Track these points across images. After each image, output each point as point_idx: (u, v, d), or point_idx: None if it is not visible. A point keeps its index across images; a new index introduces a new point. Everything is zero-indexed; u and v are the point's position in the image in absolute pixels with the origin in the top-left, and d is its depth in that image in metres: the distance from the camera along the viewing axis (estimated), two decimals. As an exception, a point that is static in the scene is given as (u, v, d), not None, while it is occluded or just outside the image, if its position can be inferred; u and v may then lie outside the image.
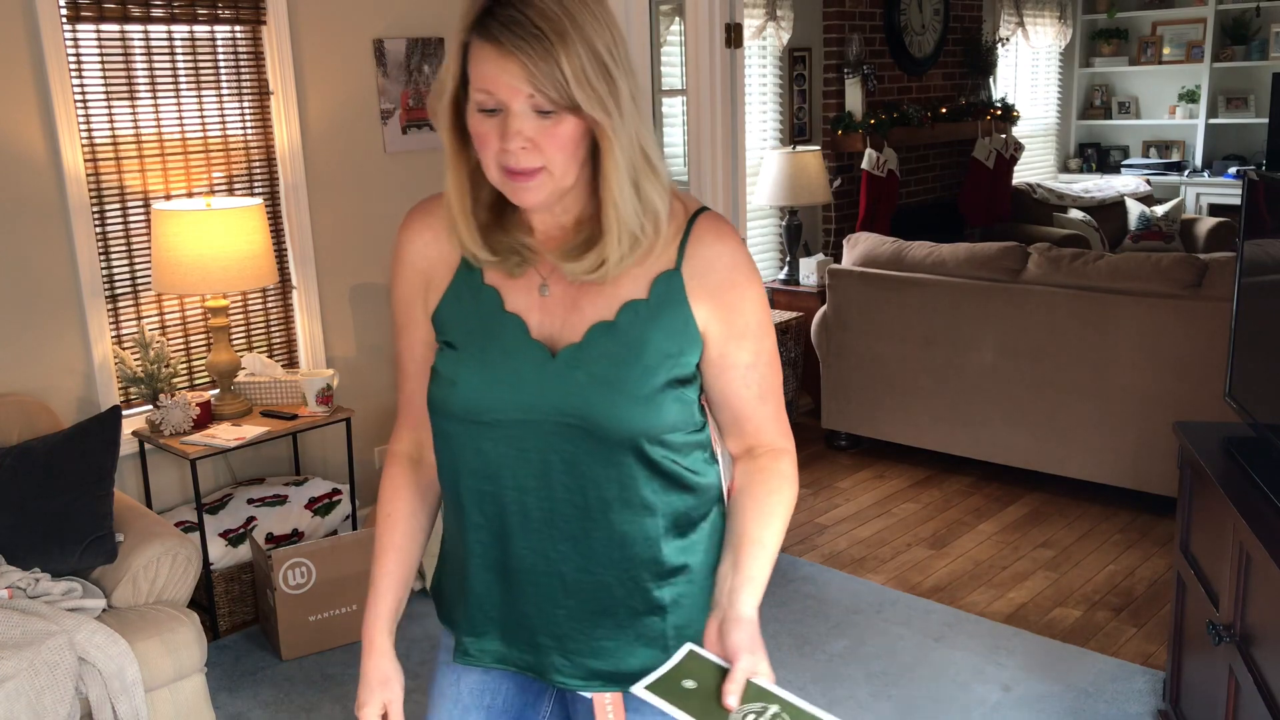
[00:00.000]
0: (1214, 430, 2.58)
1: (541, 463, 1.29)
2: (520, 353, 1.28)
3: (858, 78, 6.01)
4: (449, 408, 1.31)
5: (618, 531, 1.31)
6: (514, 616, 1.38)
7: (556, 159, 1.19)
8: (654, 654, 1.35)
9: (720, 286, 1.29)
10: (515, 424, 1.28)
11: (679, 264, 1.29)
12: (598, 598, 1.34)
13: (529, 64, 1.14)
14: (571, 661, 1.37)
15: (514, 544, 1.33)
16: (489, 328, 1.30)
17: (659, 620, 1.36)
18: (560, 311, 1.29)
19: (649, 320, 1.28)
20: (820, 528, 4.21)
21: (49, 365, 3.36)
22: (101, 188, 3.43)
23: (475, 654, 1.43)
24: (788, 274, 5.76)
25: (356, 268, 4.04)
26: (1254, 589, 2.13)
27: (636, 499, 1.30)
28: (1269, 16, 7.67)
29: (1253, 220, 2.43)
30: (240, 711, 3.06)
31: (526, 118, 1.17)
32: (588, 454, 1.28)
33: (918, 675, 3.16)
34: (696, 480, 1.36)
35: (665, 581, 1.35)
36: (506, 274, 1.30)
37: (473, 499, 1.34)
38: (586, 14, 1.16)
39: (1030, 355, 4.36)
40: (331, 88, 3.89)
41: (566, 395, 1.26)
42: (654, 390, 1.27)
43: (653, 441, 1.29)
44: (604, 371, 1.26)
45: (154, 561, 2.78)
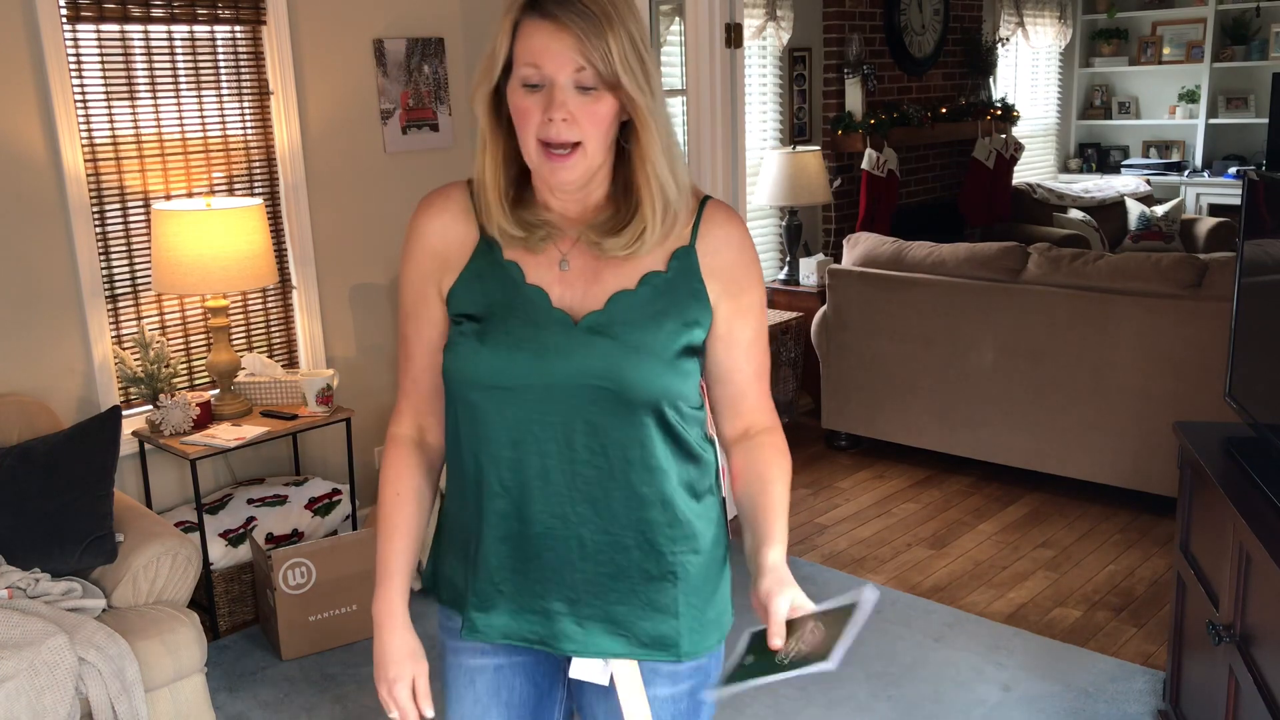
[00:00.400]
0: (1214, 430, 2.58)
1: (565, 426, 1.34)
2: (544, 322, 1.35)
3: (858, 78, 6.01)
4: (475, 377, 1.35)
5: (636, 492, 1.37)
6: (526, 586, 1.41)
7: (592, 135, 1.28)
8: (664, 621, 1.40)
9: (730, 266, 1.40)
10: (540, 390, 1.34)
11: (693, 242, 1.39)
12: (614, 560, 1.38)
13: (583, 37, 1.24)
14: (583, 628, 1.40)
15: (533, 509, 1.38)
16: (512, 300, 1.36)
17: (670, 587, 1.40)
18: (581, 284, 1.37)
19: (668, 290, 1.37)
20: (820, 528, 4.21)
21: (49, 365, 3.36)
22: (101, 188, 3.43)
23: (483, 629, 1.44)
24: (788, 274, 5.76)
25: (356, 268, 4.04)
26: (1254, 589, 2.13)
27: (653, 460, 1.37)
28: (1269, 16, 7.67)
29: (1253, 220, 2.43)
30: (240, 711, 3.06)
31: (570, 92, 1.26)
32: (611, 416, 1.34)
33: (918, 675, 3.16)
34: (701, 453, 1.44)
35: (677, 546, 1.40)
36: (528, 249, 1.37)
37: (493, 467, 1.38)
38: (624, 4, 1.27)
39: (1030, 355, 4.36)
40: (331, 88, 3.89)
41: (593, 359, 1.33)
42: (674, 355, 1.36)
43: (670, 406, 1.36)
44: (629, 335, 1.34)
45: (154, 561, 2.78)
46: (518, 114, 1.29)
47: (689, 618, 1.41)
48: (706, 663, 1.47)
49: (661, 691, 1.45)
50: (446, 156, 4.24)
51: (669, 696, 1.45)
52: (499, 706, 1.49)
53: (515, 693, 1.50)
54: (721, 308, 1.40)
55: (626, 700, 1.42)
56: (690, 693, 1.46)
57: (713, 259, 1.39)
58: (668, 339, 1.35)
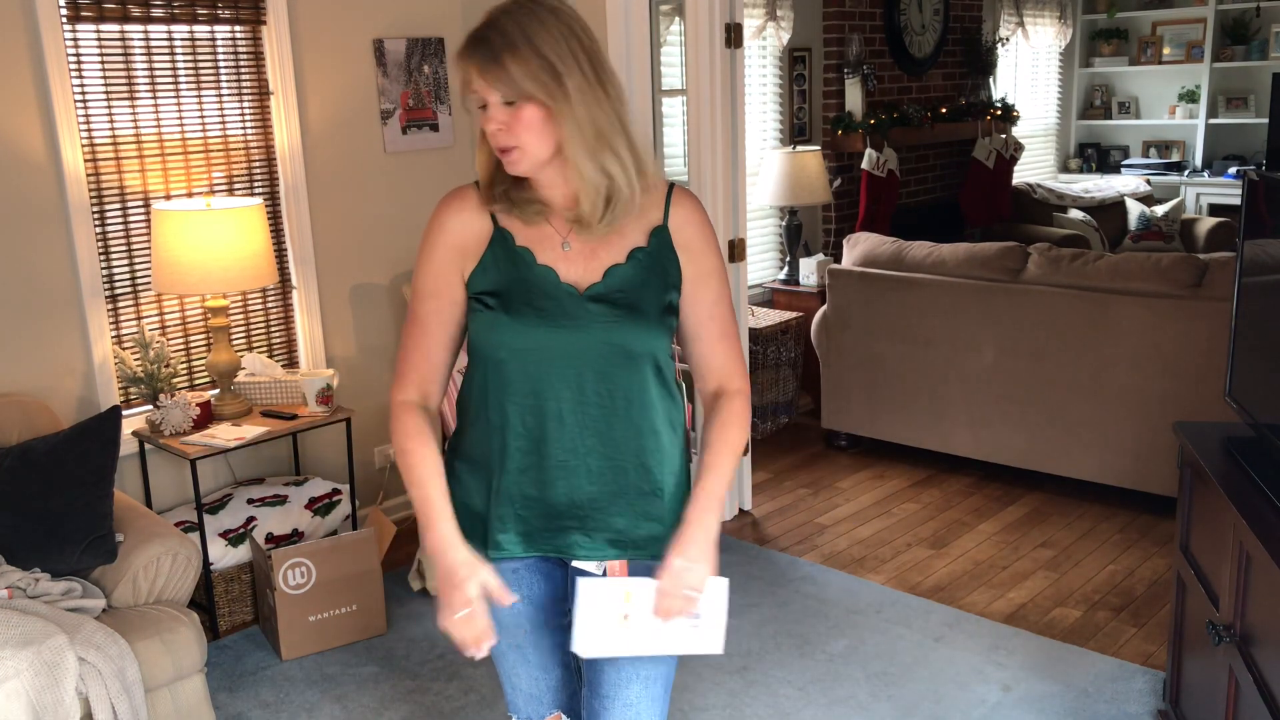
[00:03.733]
0: (1214, 430, 2.58)
1: (578, 377, 1.65)
2: (555, 295, 1.65)
3: (858, 78, 6.01)
4: (502, 341, 1.65)
5: (634, 424, 1.69)
6: (542, 508, 1.70)
7: (525, 138, 1.59)
8: (653, 527, 1.73)
9: (692, 238, 1.72)
10: (557, 349, 1.64)
11: (665, 221, 1.71)
12: (616, 480, 1.70)
13: (482, 70, 1.56)
14: (591, 537, 1.72)
15: (549, 445, 1.68)
16: (526, 279, 1.66)
17: (658, 500, 1.73)
18: (581, 261, 1.67)
19: (651, 261, 1.69)
20: (820, 528, 4.21)
21: (49, 365, 3.36)
22: (101, 188, 3.43)
23: (507, 546, 1.73)
24: (788, 274, 5.76)
25: (356, 268, 4.04)
26: (1254, 589, 2.13)
27: (647, 398, 1.69)
28: (1269, 16, 7.67)
29: (1253, 220, 2.43)
30: (240, 711, 3.06)
31: (499, 108, 1.58)
32: (617, 366, 1.66)
33: (918, 675, 3.16)
34: (677, 395, 1.77)
35: (663, 468, 1.73)
36: (526, 223, 1.67)
37: (518, 413, 1.67)
38: (536, 26, 1.56)
39: (1030, 355, 4.36)
40: (331, 88, 3.89)
41: (598, 322, 1.64)
42: (660, 313, 1.68)
43: (661, 354, 1.70)
44: (625, 300, 1.66)
45: (154, 561, 2.78)
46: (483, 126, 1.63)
47: (670, 525, 1.72)
48: None
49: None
50: (446, 156, 4.24)
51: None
52: (525, 600, 1.78)
53: (533, 586, 1.79)
54: (687, 272, 1.71)
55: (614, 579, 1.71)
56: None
57: (679, 233, 1.71)
58: (655, 300, 1.67)
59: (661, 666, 1.79)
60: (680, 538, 1.66)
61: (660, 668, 1.79)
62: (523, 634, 1.81)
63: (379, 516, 3.78)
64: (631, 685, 1.77)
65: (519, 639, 1.82)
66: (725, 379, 1.77)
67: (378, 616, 3.43)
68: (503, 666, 1.86)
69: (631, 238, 1.68)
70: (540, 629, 1.82)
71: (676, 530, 1.68)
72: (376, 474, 4.15)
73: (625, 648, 1.68)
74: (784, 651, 3.29)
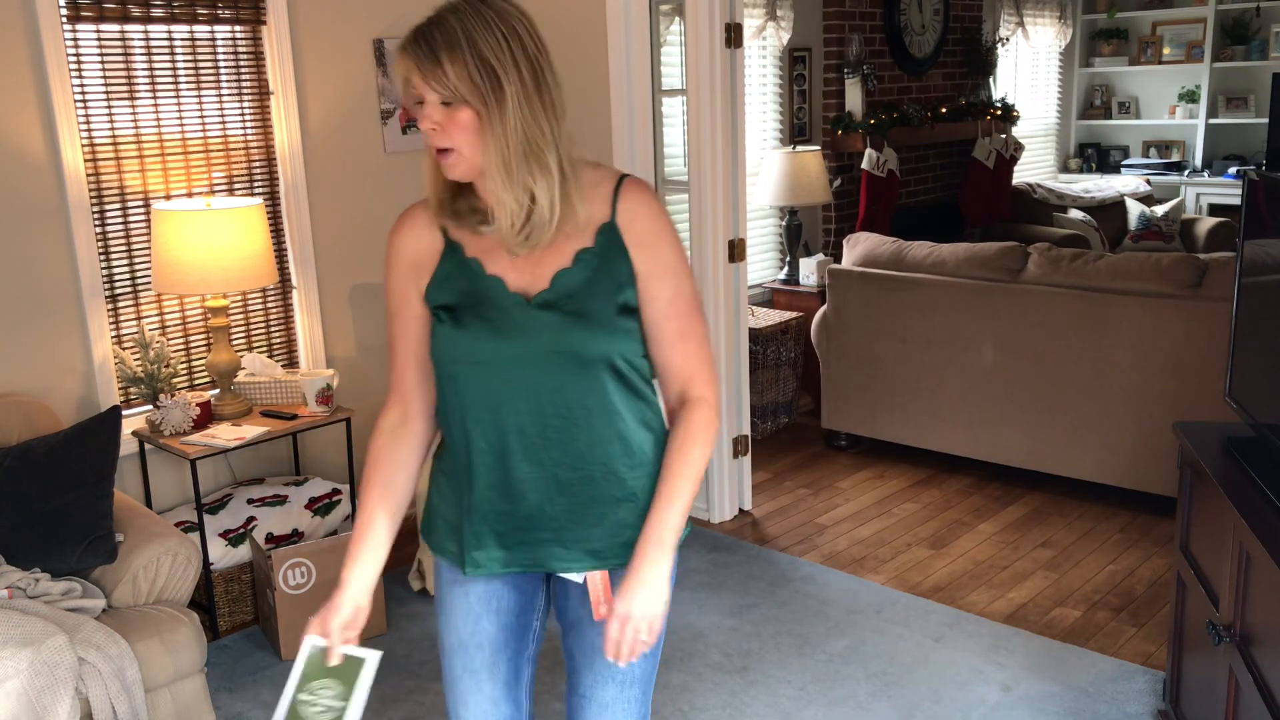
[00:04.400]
0: (1214, 430, 2.58)
1: (533, 388, 1.61)
2: (505, 305, 1.61)
3: (858, 78, 6.01)
4: (455, 354, 1.63)
5: (597, 432, 1.64)
6: (515, 522, 1.68)
7: (460, 140, 1.54)
8: (630, 533, 1.67)
9: (644, 232, 1.63)
10: (510, 360, 1.61)
11: (613, 217, 1.63)
12: (585, 491, 1.66)
13: (421, 67, 1.51)
14: (568, 549, 1.69)
15: (513, 459, 1.65)
16: (477, 290, 1.63)
17: (633, 505, 1.68)
18: (528, 268, 1.62)
19: (598, 261, 1.62)
20: (820, 528, 4.21)
21: (49, 365, 3.36)
22: (101, 188, 3.43)
23: (484, 563, 1.71)
24: (788, 274, 5.76)
25: (356, 268, 4.04)
26: (1254, 589, 2.13)
27: (609, 405, 1.64)
28: (1269, 16, 7.67)
29: (1253, 220, 2.43)
30: (240, 711, 3.06)
31: (435, 106, 1.53)
32: (570, 374, 1.61)
33: (918, 675, 3.16)
34: (649, 394, 1.71)
35: (634, 472, 1.67)
36: (471, 231, 1.63)
37: (478, 428, 1.64)
38: (482, 28, 1.50)
39: (1030, 355, 4.36)
40: (331, 88, 3.89)
41: (548, 330, 1.60)
42: (613, 315, 1.61)
43: (620, 357, 1.63)
44: (573, 305, 1.60)
45: (154, 561, 2.78)
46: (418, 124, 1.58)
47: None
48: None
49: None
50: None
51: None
52: (490, 614, 1.76)
53: (504, 600, 1.77)
54: (641, 268, 1.63)
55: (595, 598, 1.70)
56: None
57: (629, 227, 1.63)
58: (605, 302, 1.61)
59: (638, 669, 1.77)
60: (625, 583, 1.61)
61: (636, 670, 1.77)
62: (482, 657, 1.77)
63: (379, 516, 3.77)
64: (608, 686, 1.77)
65: (476, 662, 1.78)
66: (687, 384, 1.67)
67: (378, 616, 3.43)
68: (453, 694, 1.81)
69: (576, 239, 1.61)
70: (500, 652, 1.78)
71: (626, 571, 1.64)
72: (376, 474, 4.15)
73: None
74: (784, 651, 3.30)
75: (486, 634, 1.77)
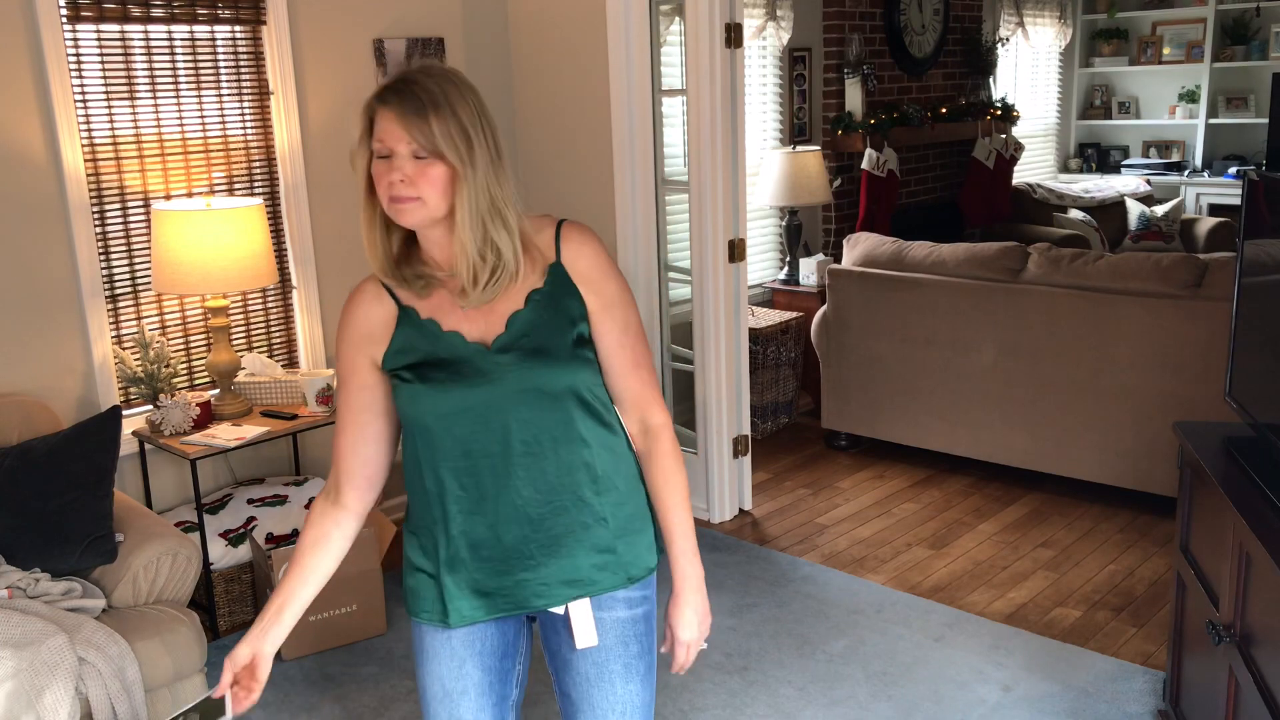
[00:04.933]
0: (1214, 430, 2.58)
1: (502, 428, 1.67)
2: (466, 355, 1.67)
3: (858, 78, 6.01)
4: (426, 409, 1.67)
5: (564, 461, 1.70)
6: (493, 566, 1.72)
7: (427, 192, 1.60)
8: (606, 557, 1.74)
9: (589, 270, 1.72)
10: (478, 407, 1.66)
11: (558, 257, 1.72)
12: (558, 520, 1.71)
13: (407, 119, 1.58)
14: (547, 584, 1.72)
15: (488, 504, 1.69)
16: (437, 347, 1.68)
17: (604, 529, 1.73)
18: (481, 318, 1.69)
19: (549, 300, 1.70)
20: (820, 528, 4.21)
21: (49, 365, 3.36)
22: (101, 188, 3.43)
23: (469, 613, 1.74)
24: (788, 274, 5.76)
25: (357, 268, 4.04)
26: (1254, 589, 2.13)
27: (575, 433, 1.70)
28: (1269, 16, 7.67)
29: (1253, 220, 2.43)
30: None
31: (407, 160, 1.59)
32: (537, 409, 1.67)
33: (918, 675, 3.16)
34: (613, 421, 1.77)
35: (602, 498, 1.73)
36: (417, 295, 1.69)
37: (452, 476, 1.69)
38: (456, 95, 1.60)
39: (1030, 355, 4.36)
40: (331, 88, 3.89)
41: (511, 371, 1.66)
42: (569, 347, 1.69)
43: (585, 387, 1.71)
44: (530, 343, 1.67)
45: (154, 561, 2.78)
46: (375, 178, 1.63)
47: (625, 551, 1.75)
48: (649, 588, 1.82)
49: (620, 614, 1.78)
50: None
51: (627, 618, 1.78)
52: (474, 656, 1.78)
53: (487, 642, 1.79)
54: (591, 303, 1.72)
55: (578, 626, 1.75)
56: (644, 616, 1.81)
57: (573, 267, 1.72)
58: (561, 336, 1.68)
59: (638, 699, 1.80)
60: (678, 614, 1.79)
61: (633, 697, 1.79)
62: (467, 704, 1.78)
63: (379, 517, 3.78)
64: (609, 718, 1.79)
65: (462, 710, 1.79)
66: (645, 411, 1.78)
67: (378, 616, 3.43)
68: None
69: (528, 281, 1.69)
70: (484, 696, 1.80)
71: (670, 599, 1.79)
72: (376, 474, 4.15)
73: None
74: (784, 651, 3.29)
75: (471, 679, 1.78)
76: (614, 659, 1.78)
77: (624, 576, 1.75)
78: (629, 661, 1.79)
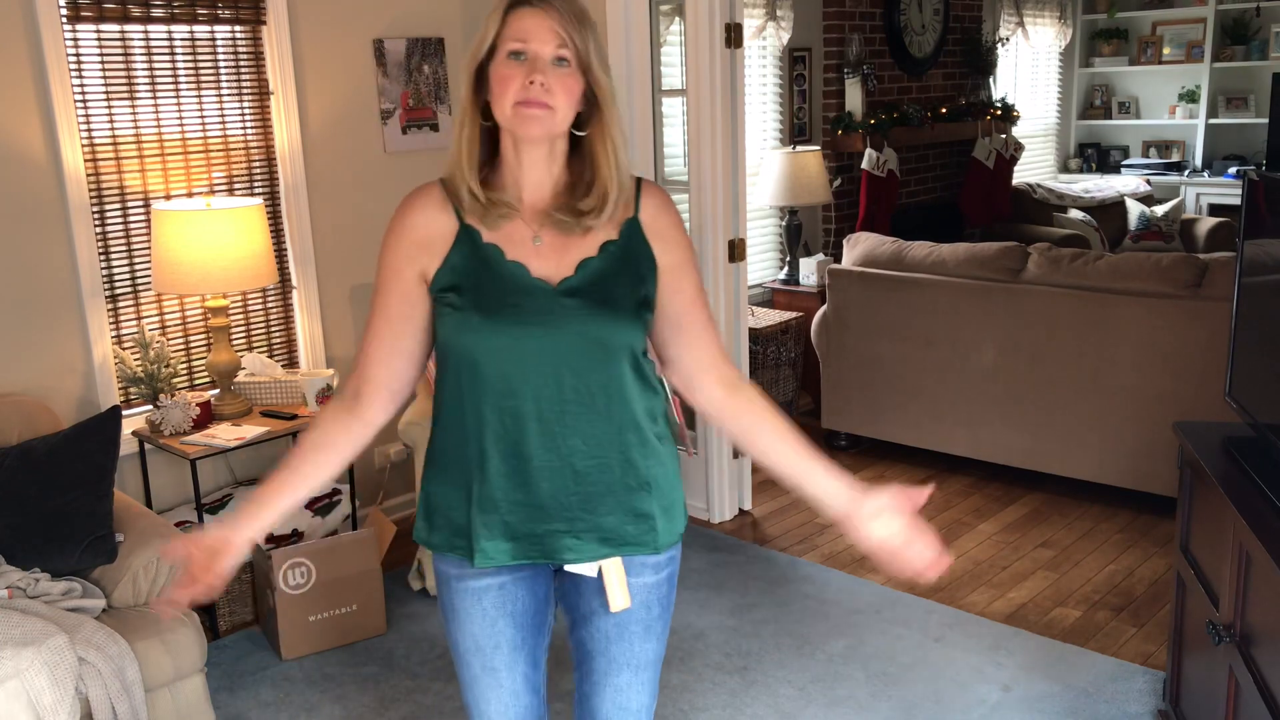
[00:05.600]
0: (1214, 430, 2.58)
1: (554, 373, 1.61)
2: (528, 290, 1.61)
3: (858, 78, 6.01)
4: (480, 342, 1.60)
5: (615, 419, 1.65)
6: (529, 513, 1.66)
7: (563, 102, 1.56)
8: (644, 522, 1.70)
9: (666, 227, 1.70)
10: (531, 346, 1.60)
11: (636, 213, 1.68)
12: (602, 479, 1.67)
13: (564, 18, 1.54)
14: (580, 539, 1.68)
15: (530, 447, 1.63)
16: (496, 275, 1.61)
17: (646, 495, 1.70)
18: (553, 255, 1.63)
19: (623, 253, 1.66)
20: (820, 528, 4.21)
21: (49, 365, 3.36)
22: (101, 188, 3.43)
23: (494, 554, 1.68)
24: (788, 274, 5.76)
25: (356, 268, 4.04)
26: (1254, 589, 2.13)
27: (627, 392, 1.66)
28: (1269, 16, 7.67)
29: (1253, 220, 2.43)
30: (240, 711, 3.06)
31: (547, 64, 1.54)
32: (593, 360, 1.62)
33: (918, 675, 3.16)
34: (657, 387, 1.74)
35: (648, 461, 1.70)
36: (494, 229, 1.63)
37: (494, 414, 1.63)
38: (592, 19, 1.59)
39: (1030, 355, 4.36)
40: (331, 88, 3.89)
41: (573, 317, 1.60)
42: (635, 306, 1.65)
43: (638, 347, 1.67)
44: (599, 293, 1.62)
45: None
46: (500, 81, 1.56)
47: (661, 518, 1.72)
48: (675, 552, 1.80)
49: (647, 579, 1.76)
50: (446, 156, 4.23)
51: (653, 582, 1.77)
52: (505, 617, 1.76)
53: (519, 603, 1.76)
54: (664, 262, 1.69)
55: (612, 589, 1.71)
56: (668, 578, 1.80)
57: (651, 224, 1.68)
58: (629, 293, 1.64)
59: (651, 652, 1.81)
60: (874, 511, 1.68)
61: (650, 653, 1.81)
62: (500, 656, 1.78)
63: (379, 516, 3.78)
64: (623, 671, 1.80)
65: (495, 661, 1.79)
66: (723, 369, 1.75)
67: (378, 616, 3.43)
68: (472, 694, 1.82)
69: (603, 232, 1.65)
70: (517, 650, 1.79)
71: (838, 492, 1.74)
72: (376, 474, 4.15)
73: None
74: (784, 651, 3.30)
75: (504, 635, 1.77)
76: (635, 621, 1.77)
77: (657, 542, 1.72)
78: (649, 623, 1.79)
